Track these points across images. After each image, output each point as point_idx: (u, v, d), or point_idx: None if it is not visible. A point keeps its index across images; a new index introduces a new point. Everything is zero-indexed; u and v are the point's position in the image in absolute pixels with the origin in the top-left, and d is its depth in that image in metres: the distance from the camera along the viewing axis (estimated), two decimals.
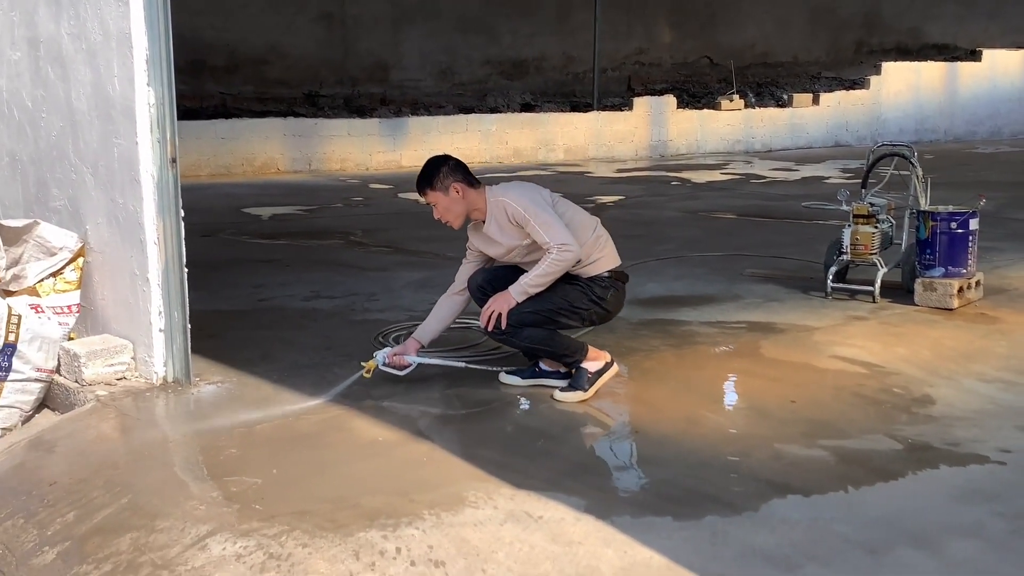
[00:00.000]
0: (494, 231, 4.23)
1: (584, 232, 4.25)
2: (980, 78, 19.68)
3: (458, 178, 4.21)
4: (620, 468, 3.68)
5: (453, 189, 4.19)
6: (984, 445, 3.78)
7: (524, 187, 4.32)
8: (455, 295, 4.47)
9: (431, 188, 4.22)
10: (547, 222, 4.09)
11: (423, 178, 4.25)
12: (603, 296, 4.28)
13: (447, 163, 4.26)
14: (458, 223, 4.31)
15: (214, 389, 4.38)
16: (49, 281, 4.53)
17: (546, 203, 4.20)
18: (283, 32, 15.47)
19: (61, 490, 3.56)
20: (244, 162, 13.30)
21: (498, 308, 4.14)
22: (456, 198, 4.20)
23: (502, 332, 4.18)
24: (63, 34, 4.53)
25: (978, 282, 6.04)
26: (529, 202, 4.14)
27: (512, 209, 4.13)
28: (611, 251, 4.35)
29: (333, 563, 2.88)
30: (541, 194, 4.26)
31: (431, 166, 4.26)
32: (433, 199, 4.23)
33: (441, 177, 4.20)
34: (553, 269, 4.09)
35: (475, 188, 4.23)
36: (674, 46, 19.29)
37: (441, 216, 4.27)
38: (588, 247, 4.23)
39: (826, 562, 2.89)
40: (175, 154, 4.23)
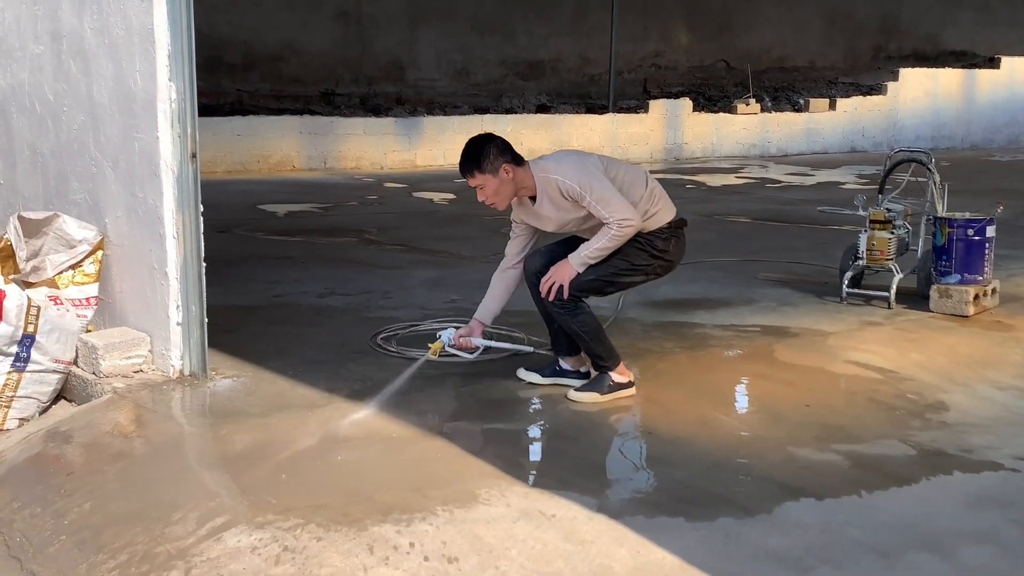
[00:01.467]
0: (547, 208, 4.11)
1: (637, 190, 4.12)
2: (998, 85, 19.57)
3: (507, 158, 4.05)
4: (633, 468, 3.69)
5: (503, 170, 4.03)
6: (998, 452, 3.77)
7: (573, 159, 4.17)
8: (508, 270, 4.35)
9: (479, 170, 4.03)
10: (604, 197, 3.97)
11: (470, 160, 4.05)
12: (664, 248, 4.19)
13: (494, 143, 4.08)
14: (504, 205, 4.16)
15: (230, 383, 4.41)
16: (68, 273, 4.57)
17: (599, 172, 4.05)
18: (299, 30, 15.51)
19: (77, 480, 3.59)
20: (260, 159, 13.34)
21: (559, 279, 4.04)
22: (506, 179, 4.05)
23: (562, 304, 4.08)
24: (86, 28, 4.56)
25: (994, 289, 6.02)
26: (583, 177, 4.00)
27: (566, 187, 4.00)
28: (666, 203, 4.22)
29: (347, 557, 2.90)
30: (591, 163, 4.11)
31: (477, 147, 4.06)
32: (481, 181, 4.06)
33: (491, 159, 4.02)
34: (613, 243, 4.00)
35: (522, 166, 4.10)
36: (690, 49, 19.26)
37: (487, 199, 4.11)
38: (643, 204, 4.11)
39: (838, 565, 2.90)
40: (195, 149, 4.26)
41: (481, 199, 4.13)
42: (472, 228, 9.05)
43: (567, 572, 2.83)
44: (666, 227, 4.18)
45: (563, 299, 4.07)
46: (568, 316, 4.14)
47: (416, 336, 5.18)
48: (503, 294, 4.37)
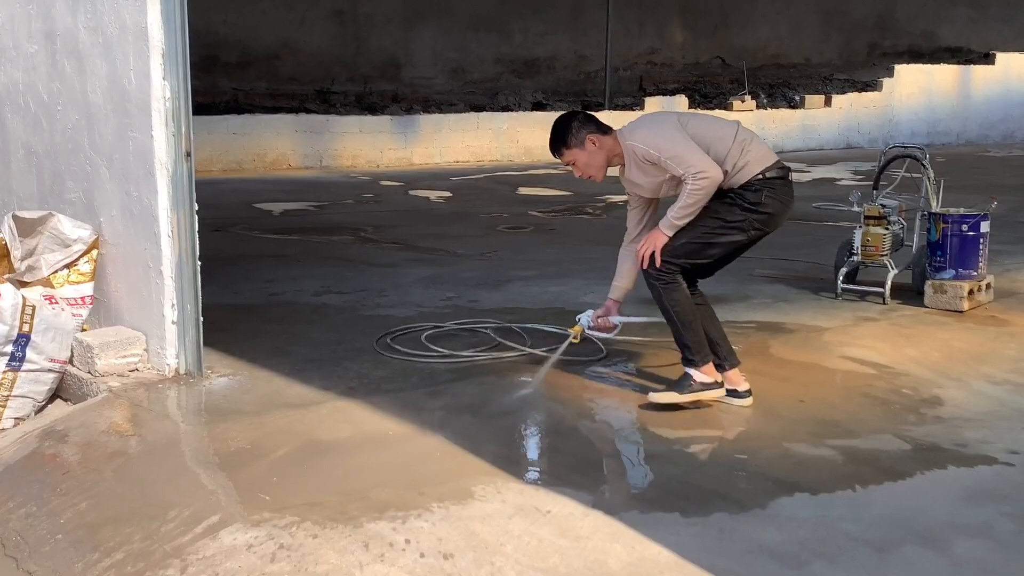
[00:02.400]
0: (636, 175, 4.10)
1: (723, 144, 4.01)
2: (993, 82, 19.61)
3: (591, 129, 4.07)
4: (628, 464, 3.69)
5: (590, 142, 4.06)
6: (992, 446, 3.78)
7: (647, 121, 4.20)
8: (632, 243, 4.28)
9: (566, 147, 4.08)
10: (676, 154, 3.91)
11: (556, 139, 4.11)
12: (756, 200, 4.01)
13: (576, 118, 4.13)
14: (601, 175, 4.16)
15: (225, 382, 4.41)
16: (63, 272, 4.57)
17: (674, 131, 4.00)
18: (295, 28, 15.51)
19: (73, 479, 3.59)
20: (256, 158, 13.35)
21: (650, 246, 4.00)
22: (594, 150, 4.07)
23: (657, 275, 4.01)
24: (80, 27, 4.56)
25: (988, 284, 6.03)
26: (655, 138, 3.99)
27: (641, 151, 3.99)
28: (758, 153, 4.07)
29: (343, 554, 2.90)
30: (667, 122, 4.10)
31: (561, 126, 4.12)
32: (571, 158, 4.10)
33: (574, 132, 4.06)
34: (693, 199, 3.91)
35: (609, 135, 4.10)
36: (686, 46, 19.27)
37: (583, 172, 4.13)
38: (731, 158, 3.99)
39: (833, 559, 2.90)
40: (190, 148, 4.26)
41: (577, 175, 4.17)
42: (468, 226, 9.05)
43: (562, 568, 2.83)
44: (759, 178, 4.01)
45: (657, 268, 4.00)
46: (662, 290, 4.04)
47: (406, 337, 5.18)
48: (632, 269, 4.27)
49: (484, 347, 4.96)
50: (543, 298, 6.11)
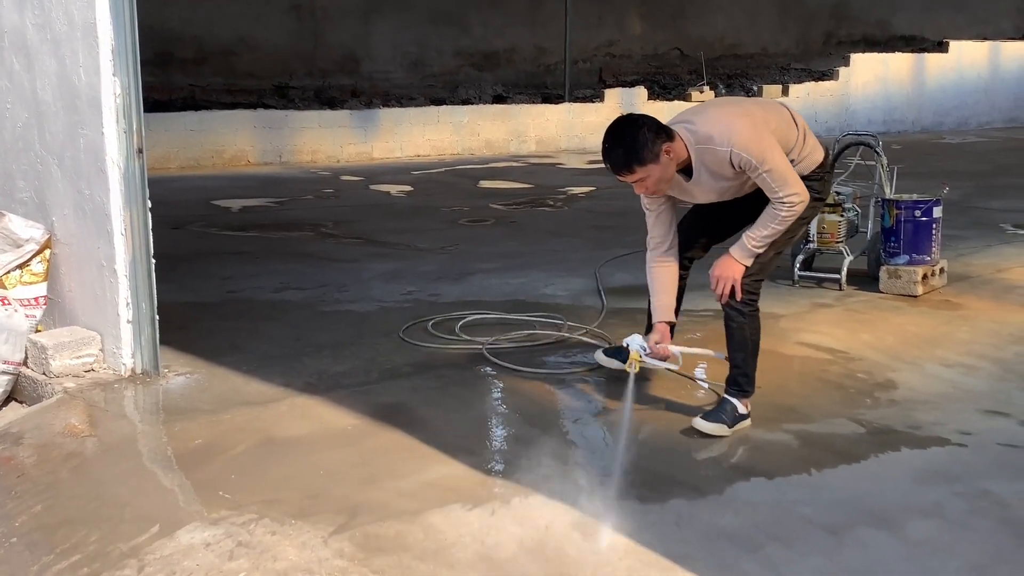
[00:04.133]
0: (706, 181, 3.62)
1: (792, 132, 3.68)
2: (947, 69, 19.87)
3: (664, 138, 3.50)
4: (588, 453, 3.70)
5: (665, 152, 3.50)
6: (945, 428, 3.85)
7: (740, 121, 3.56)
8: (666, 255, 3.86)
9: (641, 164, 3.49)
10: (776, 169, 3.49)
11: (628, 154, 3.48)
12: (822, 190, 3.81)
13: (645, 125, 3.50)
14: (667, 187, 3.65)
15: (183, 380, 4.38)
16: (16, 273, 4.50)
17: (772, 138, 3.54)
18: (252, 23, 15.37)
19: (28, 482, 3.54)
20: (214, 154, 13.22)
21: (727, 278, 3.62)
22: (667, 161, 3.52)
23: (739, 307, 3.69)
24: (27, 24, 4.49)
25: (942, 269, 6.13)
26: (758, 145, 3.49)
27: (740, 158, 3.49)
28: (814, 140, 3.80)
29: (302, 550, 2.89)
30: (761, 123, 3.58)
31: (630, 136, 3.48)
32: (644, 174, 3.52)
33: (650, 146, 3.47)
34: (783, 226, 3.55)
35: (675, 139, 3.56)
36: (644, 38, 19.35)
37: (650, 189, 3.60)
38: (798, 146, 3.69)
39: (788, 543, 2.94)
40: (141, 144, 4.22)
41: (641, 191, 3.65)
42: (429, 220, 9.04)
43: (521, 557, 2.85)
44: (819, 167, 3.78)
45: (738, 301, 3.68)
46: (745, 320, 3.73)
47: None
48: (672, 283, 3.89)
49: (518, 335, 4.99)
50: (504, 290, 6.12)
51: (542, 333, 5.10)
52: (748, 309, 3.74)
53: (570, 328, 5.16)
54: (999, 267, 6.76)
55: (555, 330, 5.14)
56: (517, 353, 4.76)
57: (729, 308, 3.72)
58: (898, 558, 2.86)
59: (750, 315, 3.76)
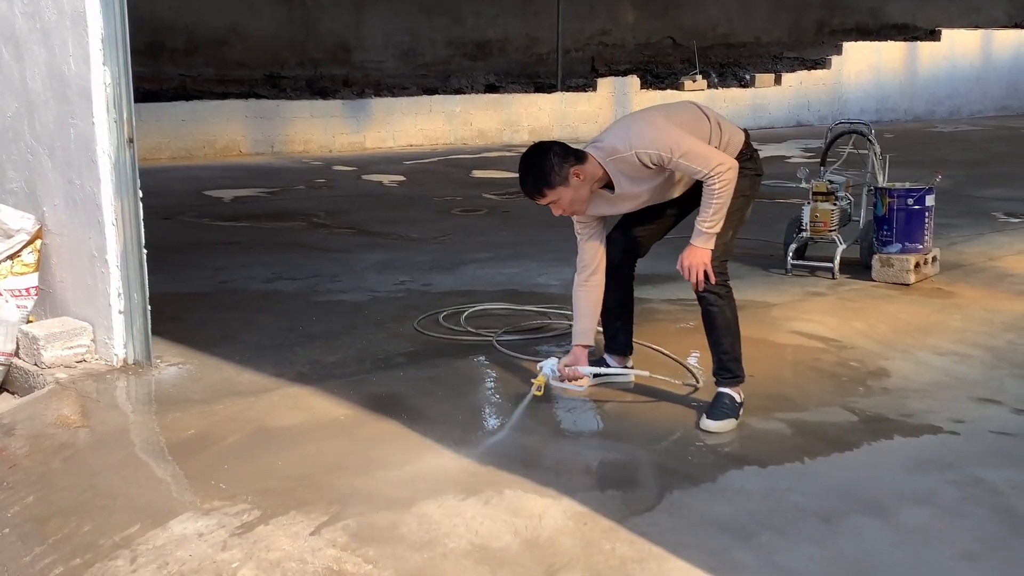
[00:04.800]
0: (627, 188, 3.72)
1: (704, 126, 3.75)
2: (939, 58, 19.90)
3: (572, 161, 3.62)
4: (582, 443, 3.70)
5: (574, 175, 3.61)
6: (937, 416, 3.86)
7: (640, 126, 3.70)
8: (591, 278, 3.97)
9: (550, 187, 3.61)
10: (690, 150, 3.56)
11: (537, 179, 3.62)
12: (753, 165, 3.86)
13: (552, 151, 3.63)
14: (586, 208, 3.76)
15: (175, 371, 4.37)
16: (7, 264, 4.48)
17: (675, 127, 3.65)
18: (243, 13, 15.29)
19: (21, 472, 3.53)
20: (205, 144, 13.17)
21: (697, 264, 3.66)
22: (579, 184, 3.63)
23: (715, 290, 3.73)
24: (16, 13, 4.46)
25: (934, 257, 6.14)
26: (661, 137, 3.59)
27: (649, 155, 3.59)
28: (731, 125, 3.87)
29: (295, 540, 2.89)
30: (659, 120, 3.71)
31: (537, 163, 3.63)
32: (554, 197, 3.64)
33: (556, 170, 3.59)
34: (723, 197, 3.58)
35: (587, 161, 3.66)
36: (637, 27, 19.30)
37: (566, 211, 3.71)
38: (715, 137, 3.75)
39: (781, 531, 2.95)
40: (132, 134, 4.19)
41: (558, 214, 3.74)
42: (422, 210, 9.02)
43: (515, 546, 2.85)
44: (744, 148, 3.83)
45: (714, 284, 3.71)
46: (724, 301, 3.78)
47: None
48: (595, 308, 4.00)
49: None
50: (497, 280, 6.12)
51: (554, 323, 5.08)
52: (724, 290, 3.79)
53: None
54: (991, 255, 6.77)
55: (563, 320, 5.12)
56: (524, 345, 4.74)
57: (707, 293, 3.77)
58: (891, 545, 2.87)
59: (727, 296, 3.81)
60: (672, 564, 2.75)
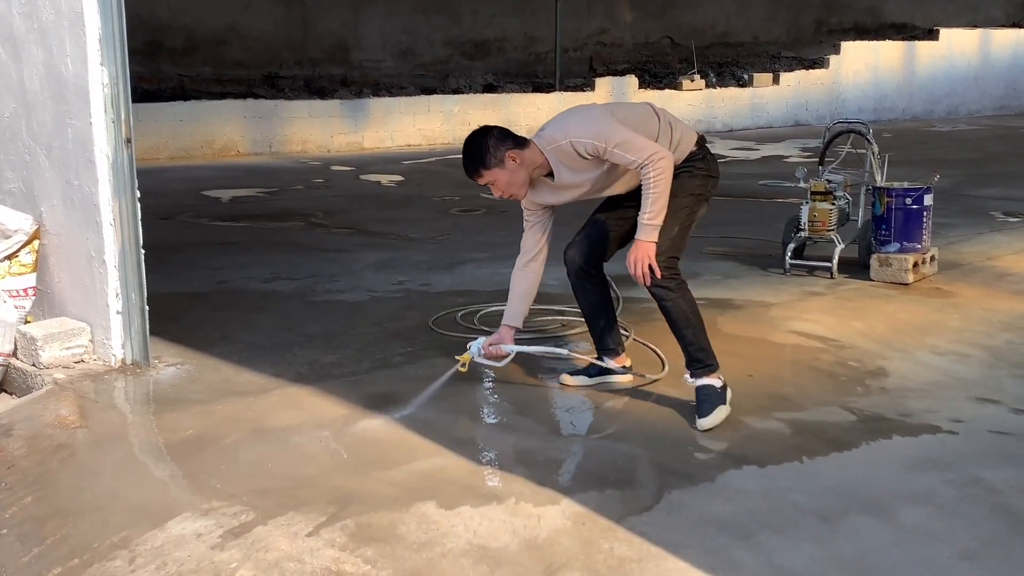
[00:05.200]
0: (568, 177, 3.80)
1: (652, 124, 3.83)
2: (937, 57, 19.89)
3: (509, 145, 3.75)
4: (580, 442, 3.70)
5: (509, 159, 3.73)
6: (936, 415, 3.86)
7: (578, 116, 3.83)
8: (529, 264, 4.06)
9: (485, 167, 3.75)
10: (624, 140, 3.64)
11: (473, 160, 3.77)
12: (706, 167, 3.90)
13: (491, 134, 3.78)
14: (524, 193, 3.86)
15: (173, 371, 4.36)
16: (4, 264, 4.47)
17: (613, 119, 3.73)
18: (241, 13, 15.26)
19: (19, 473, 3.53)
20: (203, 144, 13.16)
21: (641, 258, 3.68)
22: (515, 167, 3.74)
23: (663, 284, 3.73)
24: (14, 13, 4.46)
25: (933, 257, 6.14)
26: (596, 127, 3.69)
27: (583, 145, 3.68)
28: (684, 127, 3.93)
29: (294, 540, 2.89)
30: (598, 113, 3.82)
31: (476, 144, 3.78)
32: (490, 178, 3.76)
33: (492, 151, 3.73)
34: (660, 187, 3.64)
35: (527, 147, 3.78)
36: (635, 26, 19.29)
37: (504, 192, 3.80)
38: (664, 137, 3.81)
39: (781, 530, 2.95)
40: (130, 134, 4.19)
41: (497, 195, 3.84)
42: (420, 210, 9.02)
43: (513, 547, 2.84)
44: (696, 149, 3.90)
45: (660, 279, 3.72)
46: (677, 294, 3.78)
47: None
48: (528, 293, 4.08)
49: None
50: (495, 280, 6.11)
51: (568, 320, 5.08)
52: (674, 283, 3.79)
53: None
54: (990, 255, 6.77)
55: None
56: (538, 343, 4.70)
57: (656, 289, 3.77)
58: (890, 545, 2.87)
59: (678, 288, 3.80)
60: (671, 564, 2.75)
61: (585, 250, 4.06)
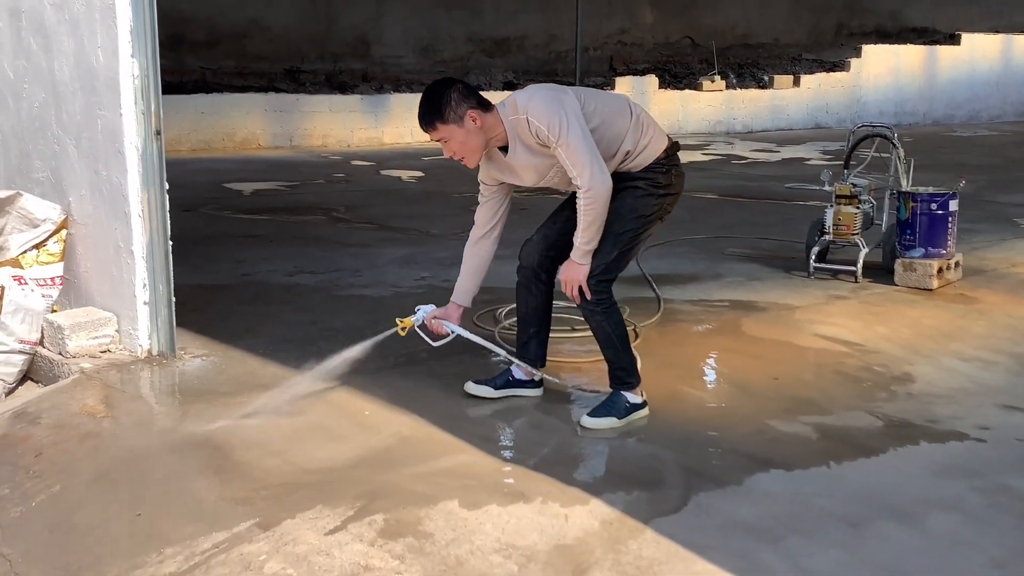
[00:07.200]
0: (521, 156, 3.58)
1: (621, 121, 3.63)
2: (959, 62, 19.77)
3: (472, 104, 3.50)
4: (604, 443, 3.69)
5: (469, 118, 3.49)
6: (963, 422, 3.84)
7: (544, 93, 3.59)
8: (480, 241, 3.90)
9: (441, 120, 3.49)
10: (573, 150, 3.45)
11: (430, 109, 3.52)
12: (668, 183, 3.69)
13: (455, 87, 3.53)
14: (476, 160, 3.62)
15: (199, 362, 4.38)
16: (32, 253, 4.50)
17: (575, 113, 3.50)
18: (264, 6, 15.29)
19: (47, 461, 3.55)
20: (225, 137, 13.20)
21: (571, 280, 3.61)
22: (473, 128, 3.50)
23: (594, 304, 3.66)
24: (45, 4, 4.48)
25: (957, 263, 6.10)
26: (555, 115, 3.46)
27: (535, 127, 3.47)
28: (656, 130, 3.72)
29: (322, 534, 2.89)
30: (567, 99, 3.54)
31: (436, 94, 3.52)
32: (445, 134, 3.52)
33: (453, 106, 3.48)
34: (592, 216, 3.50)
35: (490, 112, 3.55)
36: (656, 26, 19.23)
37: (455, 152, 3.57)
38: (632, 135, 3.62)
39: (809, 535, 2.94)
40: (159, 126, 4.21)
41: (448, 155, 3.62)
42: (441, 206, 9.02)
43: (542, 546, 2.84)
44: (663, 157, 3.68)
45: (590, 300, 3.64)
46: (603, 317, 3.69)
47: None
48: (478, 269, 3.94)
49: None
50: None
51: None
52: (602, 307, 3.69)
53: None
54: (1014, 261, 6.73)
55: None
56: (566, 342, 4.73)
57: (584, 309, 3.72)
58: (919, 552, 2.86)
59: (605, 312, 3.70)
60: (699, 566, 2.75)
61: (540, 251, 3.87)
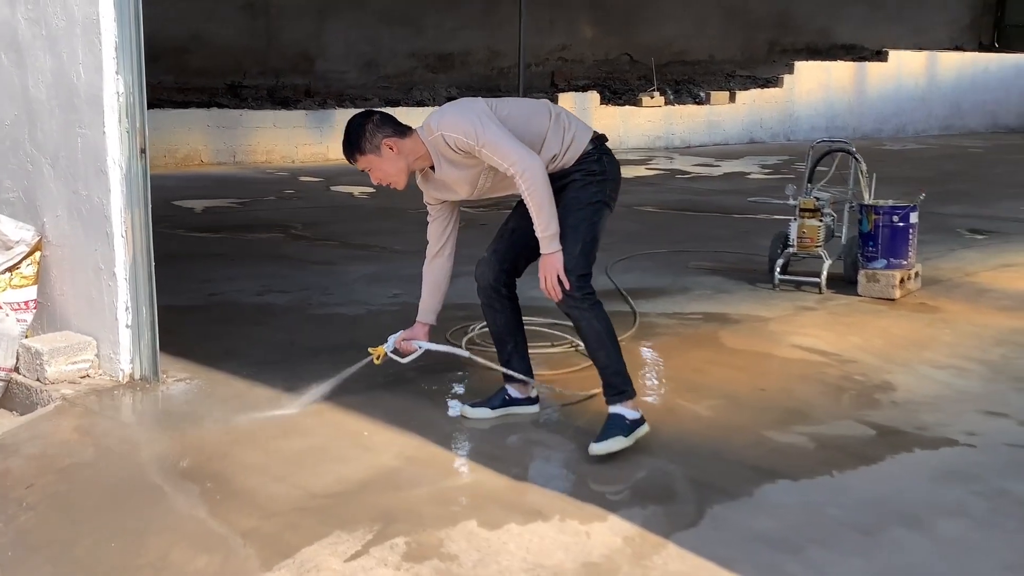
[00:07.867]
0: (449, 172, 3.68)
1: (539, 120, 3.69)
2: (887, 78, 20.35)
3: (387, 132, 3.64)
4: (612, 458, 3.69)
5: (385, 146, 3.63)
6: (950, 429, 3.94)
7: (454, 108, 3.72)
8: (436, 258, 3.97)
9: (360, 152, 3.66)
10: (493, 141, 3.52)
11: (349, 143, 3.67)
12: (602, 169, 3.73)
13: (371, 119, 3.68)
14: (402, 182, 3.72)
15: (184, 386, 4.28)
16: (5, 276, 4.36)
17: (485, 117, 3.58)
18: (204, 20, 15.06)
19: (39, 493, 3.43)
20: (166, 153, 12.93)
21: (552, 274, 3.55)
22: (391, 156, 3.63)
23: (575, 298, 3.59)
24: (19, 19, 4.35)
25: (917, 273, 6.28)
26: (467, 123, 3.55)
27: (453, 139, 3.55)
28: (579, 125, 3.78)
29: (345, 559, 2.85)
30: (477, 107, 3.65)
31: (354, 128, 3.67)
32: (365, 164, 3.68)
33: (368, 136, 3.63)
34: (537, 196, 3.51)
35: (408, 136, 3.66)
36: (595, 43, 19.43)
37: (381, 180, 3.71)
38: (555, 135, 3.68)
39: (826, 544, 2.98)
40: (144, 144, 4.12)
41: (376, 182, 3.74)
42: (400, 222, 8.95)
43: (569, 564, 2.84)
44: (591, 148, 3.73)
45: (571, 292, 3.58)
46: (591, 312, 3.64)
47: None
48: (437, 286, 4.00)
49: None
50: None
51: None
52: (588, 301, 3.64)
53: None
54: (966, 271, 6.94)
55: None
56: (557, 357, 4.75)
57: (567, 306, 3.64)
58: (935, 558, 2.92)
59: (592, 306, 3.65)
60: None
61: (495, 267, 3.87)
